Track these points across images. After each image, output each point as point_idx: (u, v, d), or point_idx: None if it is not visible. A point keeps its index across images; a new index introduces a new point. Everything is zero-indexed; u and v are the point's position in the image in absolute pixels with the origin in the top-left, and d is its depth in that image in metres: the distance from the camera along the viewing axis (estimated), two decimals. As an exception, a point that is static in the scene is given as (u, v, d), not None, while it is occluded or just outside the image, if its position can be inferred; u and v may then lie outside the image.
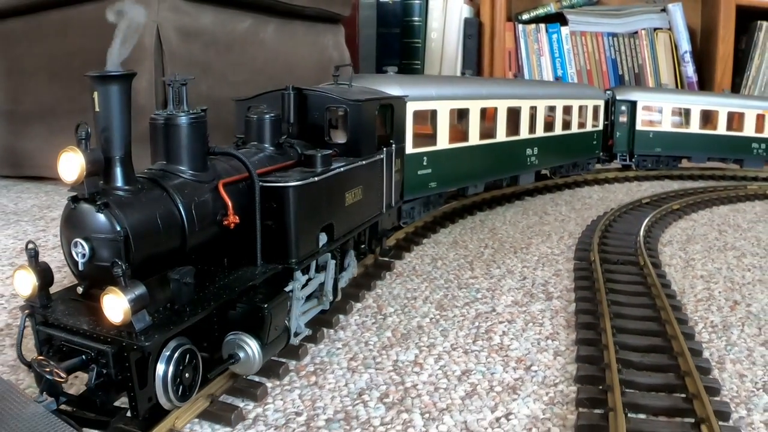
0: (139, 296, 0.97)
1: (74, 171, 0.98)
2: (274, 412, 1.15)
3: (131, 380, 0.97)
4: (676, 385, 1.26)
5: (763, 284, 1.98)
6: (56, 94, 3.15)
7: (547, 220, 2.72)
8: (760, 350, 1.50)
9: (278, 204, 1.27)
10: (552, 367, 1.37)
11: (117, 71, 1.05)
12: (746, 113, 3.99)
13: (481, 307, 1.70)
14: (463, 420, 1.15)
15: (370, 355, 1.39)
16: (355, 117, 1.60)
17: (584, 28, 4.73)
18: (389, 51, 4.77)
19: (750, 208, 3.16)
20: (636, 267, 2.01)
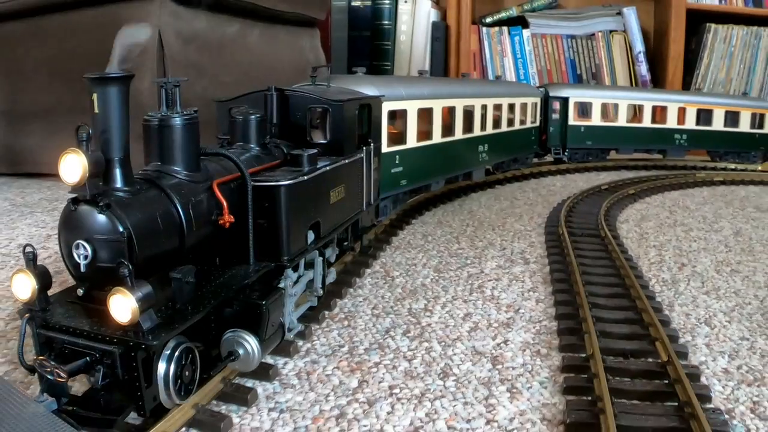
0: (146, 295, 0.98)
1: (76, 172, 1.00)
2: (321, 346, 1.47)
3: (138, 380, 0.99)
4: (636, 319, 1.62)
5: (706, 252, 2.35)
6: (56, 94, 3.36)
7: (518, 204, 3.08)
8: (703, 297, 1.86)
9: (270, 203, 1.30)
10: (535, 310, 1.72)
11: (116, 73, 1.08)
12: (669, 107, 4.35)
13: (472, 269, 2.04)
14: (471, 345, 1.49)
15: (388, 305, 1.72)
16: (338, 117, 1.64)
17: (544, 31, 5.10)
18: (360, 53, 5.07)
19: (698, 192, 3.56)
20: (598, 239, 2.37)
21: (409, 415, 1.18)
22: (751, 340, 1.58)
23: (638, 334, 1.53)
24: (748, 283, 2.01)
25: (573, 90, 4.24)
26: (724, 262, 2.22)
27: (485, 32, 5.15)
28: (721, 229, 2.71)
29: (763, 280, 2.04)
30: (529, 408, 1.22)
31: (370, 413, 1.18)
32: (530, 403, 1.24)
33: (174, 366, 1.02)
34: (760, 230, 2.70)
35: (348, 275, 1.87)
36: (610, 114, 4.27)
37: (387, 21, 5.06)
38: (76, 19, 3.28)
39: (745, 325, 1.66)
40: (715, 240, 2.52)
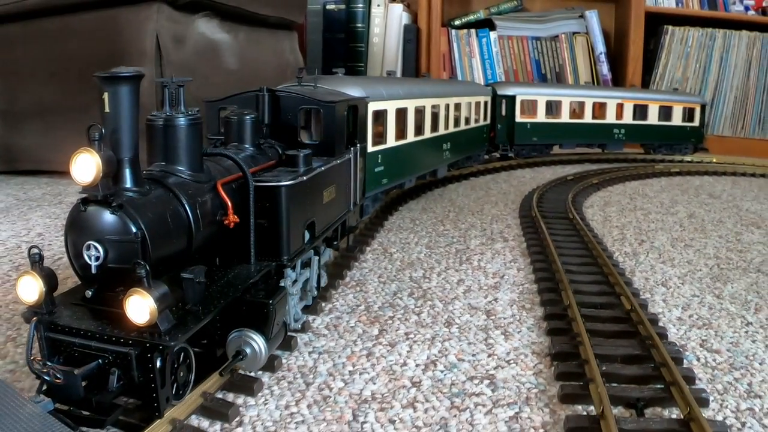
0: (163, 296, 0.99)
1: (90, 172, 1.00)
2: (341, 306, 1.74)
3: (154, 381, 0.99)
4: (603, 281, 1.92)
5: (663, 231, 2.67)
6: (54, 94, 3.54)
7: (492, 193, 3.38)
8: (660, 266, 2.18)
9: (271, 203, 1.33)
10: (518, 276, 2.02)
11: (127, 72, 1.07)
12: (608, 103, 4.62)
13: (458, 246, 2.33)
14: (467, 303, 1.77)
15: (392, 274, 2.00)
16: (329, 117, 1.67)
17: (511, 33, 5.42)
18: (335, 54, 5.32)
19: (656, 182, 3.91)
20: (567, 220, 2.68)
21: (425, 352, 1.46)
22: (701, 296, 1.89)
23: (606, 291, 1.83)
24: (699, 254, 2.33)
25: (519, 88, 4.38)
26: (678, 239, 2.55)
27: (454, 34, 5.45)
28: (677, 212, 3.04)
29: (712, 252, 2.36)
30: (520, 345, 1.51)
31: (393, 352, 1.46)
32: (521, 342, 1.53)
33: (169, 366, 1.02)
34: (711, 213, 3.04)
35: (350, 251, 2.14)
36: (554, 111, 4.45)
37: (360, 24, 5.32)
38: (75, 22, 3.46)
39: (696, 286, 1.98)
40: (671, 221, 2.85)
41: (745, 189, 3.81)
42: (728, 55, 5.42)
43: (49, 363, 1.00)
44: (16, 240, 2.32)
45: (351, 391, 1.27)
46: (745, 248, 2.44)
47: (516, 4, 5.50)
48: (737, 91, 5.44)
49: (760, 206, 3.28)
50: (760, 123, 5.47)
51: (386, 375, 1.34)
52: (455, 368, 1.38)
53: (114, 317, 1.04)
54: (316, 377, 1.32)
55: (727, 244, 2.49)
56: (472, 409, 1.22)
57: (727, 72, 5.45)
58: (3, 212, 2.76)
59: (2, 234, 2.40)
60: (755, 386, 1.35)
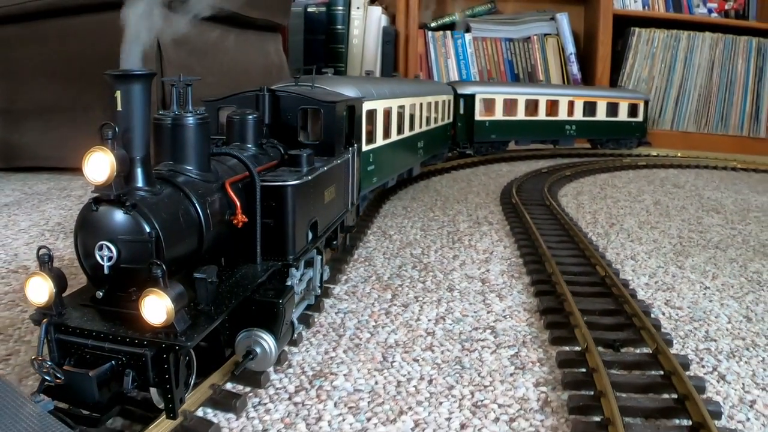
0: (180, 296, 0.99)
1: (104, 172, 0.99)
2: (355, 277, 2.01)
3: (170, 382, 1.00)
4: (580, 254, 2.21)
5: (631, 216, 2.98)
6: (55, 93, 3.71)
7: (473, 184, 3.67)
8: (629, 244, 2.48)
9: (277, 202, 1.34)
10: (505, 252, 2.30)
11: (140, 70, 1.07)
12: (560, 100, 4.85)
13: (449, 229, 2.61)
14: (464, 273, 2.05)
15: (394, 252, 2.27)
16: (329, 117, 1.68)
17: (485, 35, 5.73)
18: (315, 55, 5.56)
19: (625, 174, 4.23)
20: (544, 207, 2.98)
21: (434, 310, 1.74)
22: (665, 267, 2.19)
23: (583, 263, 2.12)
24: (663, 234, 2.64)
25: (478, 87, 4.53)
26: (645, 222, 2.86)
27: (431, 36, 5.74)
28: (644, 200, 3.36)
29: (676, 233, 2.67)
30: (513, 304, 1.80)
31: (407, 311, 1.73)
32: (514, 302, 1.82)
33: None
34: (675, 201, 3.37)
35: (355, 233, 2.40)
36: (510, 109, 4.62)
37: (340, 26, 5.57)
38: (76, 24, 3.63)
39: (661, 260, 2.28)
40: (639, 208, 3.16)
41: (707, 180, 4.15)
42: (692, 55, 5.78)
43: (49, 363, 0.99)
44: (38, 229, 2.53)
45: (377, 340, 1.54)
46: (705, 230, 2.75)
47: (489, 7, 5.81)
48: (701, 89, 5.81)
49: (720, 195, 3.61)
50: (723, 119, 5.85)
51: (404, 328, 1.61)
52: (461, 322, 1.66)
53: (126, 318, 1.04)
54: (346, 331, 1.59)
55: (689, 226, 2.81)
56: (480, 350, 1.50)
57: (691, 71, 5.81)
58: (15, 205, 2.95)
59: (22, 224, 2.60)
60: (711, 333, 1.65)
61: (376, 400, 1.26)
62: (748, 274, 2.15)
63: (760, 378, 1.41)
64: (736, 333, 1.66)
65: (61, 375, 0.99)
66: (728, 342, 1.60)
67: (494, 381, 1.35)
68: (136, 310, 1.00)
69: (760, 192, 3.79)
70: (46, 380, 1.00)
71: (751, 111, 5.84)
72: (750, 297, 1.93)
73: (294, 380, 1.32)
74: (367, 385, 1.31)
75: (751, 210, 3.22)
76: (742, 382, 1.39)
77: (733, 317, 1.76)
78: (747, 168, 4.69)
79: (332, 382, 1.32)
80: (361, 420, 1.18)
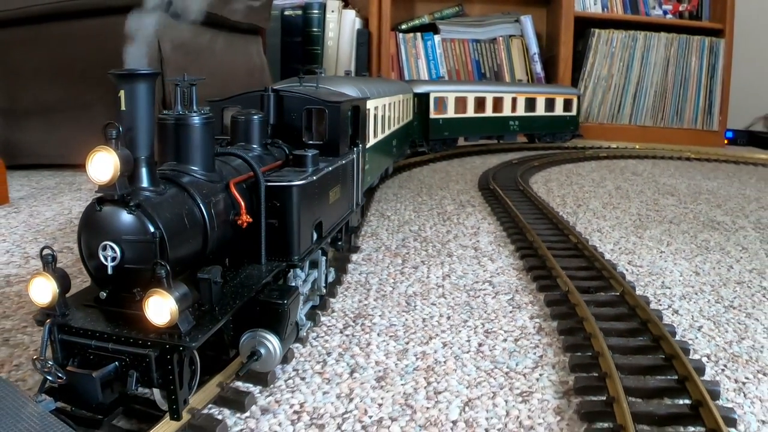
0: (184, 296, 1.00)
1: (107, 171, 1.00)
2: (367, 248, 2.37)
3: (173, 383, 1.01)
4: (555, 228, 2.62)
5: (595, 198, 3.41)
6: (55, 94, 3.93)
7: (452, 174, 4.07)
8: (595, 220, 2.90)
9: (281, 203, 1.35)
10: (490, 227, 2.70)
11: (144, 69, 1.08)
12: (504, 97, 5.13)
13: (438, 210, 3.00)
14: (458, 243, 2.44)
15: (395, 229, 2.65)
16: (334, 118, 1.70)
17: (453, 36, 6.14)
18: (292, 57, 5.92)
19: (587, 165, 4.67)
20: (519, 192, 3.38)
21: (439, 270, 2.12)
22: (627, 237, 2.61)
23: (558, 234, 2.53)
24: (624, 213, 3.06)
25: (432, 86, 4.69)
26: (608, 203, 3.28)
27: (402, 38, 6.13)
28: (606, 186, 3.79)
29: (635, 211, 3.10)
30: (504, 265, 2.19)
31: (417, 271, 2.11)
32: (503, 263, 2.21)
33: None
34: (635, 186, 3.80)
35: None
36: (461, 106, 4.81)
37: (316, 28, 5.92)
38: (77, 28, 3.86)
39: (623, 232, 2.70)
40: (602, 192, 3.59)
41: (663, 168, 4.61)
42: (649, 54, 6.27)
43: (50, 363, 1.00)
44: (63, 218, 2.83)
45: (399, 292, 1.92)
46: (661, 209, 3.19)
47: (457, 10, 6.22)
48: (657, 86, 6.30)
49: (675, 181, 4.06)
50: (678, 114, 6.35)
51: (419, 283, 2.00)
52: (464, 277, 2.05)
53: (130, 318, 1.05)
54: (372, 286, 1.96)
55: (647, 206, 3.24)
56: (483, 296, 1.89)
57: (648, 69, 6.31)
58: (31, 198, 3.20)
59: (47, 213, 2.89)
60: (666, 283, 2.06)
61: (409, 330, 1.64)
62: (697, 242, 2.57)
63: (705, 312, 1.82)
64: (687, 283, 2.07)
65: (63, 375, 1.00)
66: (680, 289, 2.01)
67: (498, 316, 1.74)
68: (140, 311, 1.01)
69: (711, 178, 4.26)
70: (48, 380, 1.02)
71: (704, 106, 6.35)
72: (698, 258, 2.35)
73: (340, 320, 1.69)
74: (399, 321, 1.69)
75: (702, 193, 3.67)
76: (691, 314, 1.80)
77: (684, 272, 2.18)
78: (700, 158, 5.17)
79: (371, 320, 1.70)
80: (401, 343, 1.56)
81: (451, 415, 1.25)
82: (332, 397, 1.29)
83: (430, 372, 1.42)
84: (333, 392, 1.31)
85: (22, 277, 1.97)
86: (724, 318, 1.79)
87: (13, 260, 2.14)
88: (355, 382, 1.36)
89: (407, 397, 1.31)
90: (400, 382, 1.36)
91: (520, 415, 1.26)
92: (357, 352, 1.50)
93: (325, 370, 1.40)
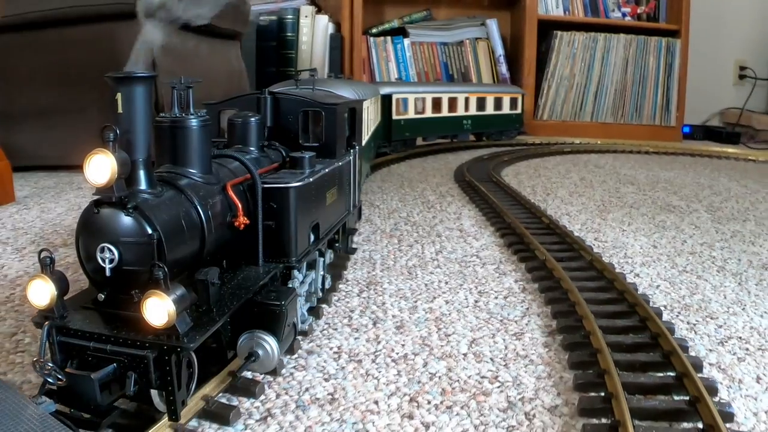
0: (181, 297, 1.01)
1: (105, 174, 1.01)
2: (365, 231, 2.69)
3: (171, 384, 1.02)
4: (529, 213, 2.96)
5: (562, 188, 3.76)
6: (52, 97, 4.09)
7: (428, 169, 4.40)
8: (564, 206, 3.25)
9: (279, 204, 1.38)
10: (470, 213, 3.03)
11: (141, 72, 1.10)
12: (458, 97, 5.32)
13: (422, 200, 3.33)
14: (444, 226, 2.77)
15: (386, 215, 2.96)
16: (331, 120, 1.71)
17: (422, 39, 6.46)
18: (267, 60, 6.18)
19: (553, 159, 5.04)
20: (493, 183, 3.72)
21: (432, 248, 2.44)
22: (592, 219, 2.96)
23: (532, 216, 2.87)
24: (589, 199, 3.42)
25: (393, 87, 4.74)
26: (574, 192, 3.64)
27: (372, 41, 6.43)
28: (571, 177, 4.16)
29: (599, 198, 3.46)
30: (487, 242, 2.52)
31: (413, 249, 2.43)
32: (487, 241, 2.54)
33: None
34: (597, 177, 4.17)
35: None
36: (420, 107, 4.90)
37: (290, 33, 6.17)
38: (73, 34, 4.04)
39: (588, 215, 3.05)
40: (568, 182, 3.95)
41: (623, 161, 5.00)
42: (609, 55, 6.62)
43: (50, 364, 1.01)
44: (75, 212, 3.06)
45: (400, 264, 2.23)
46: (622, 196, 3.55)
47: (425, 15, 6.56)
48: (617, 84, 6.68)
49: (634, 172, 4.44)
50: (637, 111, 6.75)
51: (416, 257, 2.32)
52: (454, 253, 2.38)
53: (128, 320, 1.06)
54: (376, 261, 2.27)
55: (609, 194, 3.60)
56: (473, 266, 2.22)
57: (608, 69, 6.65)
58: (36, 196, 3.42)
59: (58, 209, 3.12)
60: (628, 254, 2.41)
61: (415, 293, 1.96)
62: (655, 222, 2.93)
63: (662, 275, 2.17)
64: (646, 254, 2.42)
65: (63, 376, 1.01)
66: (640, 258, 2.36)
67: (488, 281, 2.07)
68: (138, 312, 1.03)
69: (668, 169, 4.65)
70: (48, 382, 1.02)
71: (662, 103, 6.74)
72: (656, 235, 2.71)
73: (355, 287, 2.00)
74: (405, 286, 2.01)
75: (660, 182, 4.05)
76: (650, 277, 2.15)
77: (644, 246, 2.53)
78: (658, 152, 5.57)
79: (381, 286, 2.01)
80: (410, 302, 1.88)
81: (462, 349, 1.57)
82: (363, 341, 1.60)
83: (438, 321, 1.74)
84: (362, 338, 1.62)
85: (57, 263, 2.24)
86: (678, 279, 2.14)
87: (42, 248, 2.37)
88: (378, 330, 1.68)
89: (423, 339, 1.63)
90: (416, 329, 1.68)
91: (516, 348, 1.59)
92: (375, 309, 1.82)
93: (352, 323, 1.71)
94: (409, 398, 1.34)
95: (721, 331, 1.72)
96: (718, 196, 3.63)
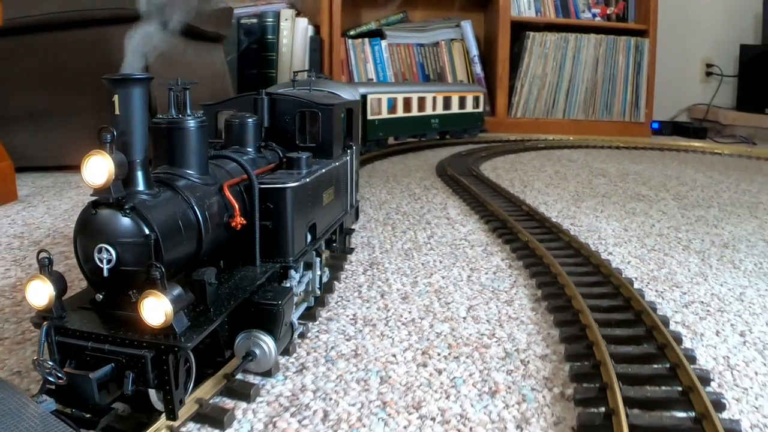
0: (178, 297, 1.03)
1: (102, 175, 1.03)
2: (362, 220, 2.92)
3: (169, 383, 1.04)
4: (510, 202, 3.21)
5: (538, 180, 4.03)
6: (46, 100, 4.20)
7: (410, 165, 4.64)
8: (540, 196, 3.51)
9: (275, 204, 1.39)
10: (455, 203, 3.28)
11: (138, 74, 1.12)
12: (427, 97, 5.46)
13: (408, 193, 3.57)
14: (433, 215, 3.01)
15: (377, 207, 3.20)
16: (327, 120, 1.73)
17: (398, 41, 6.68)
18: (248, 63, 6.37)
19: (528, 155, 5.32)
20: (473, 176, 3.98)
21: (424, 233, 2.68)
22: (568, 207, 3.23)
23: (512, 205, 3.12)
24: (564, 190, 3.69)
25: (368, 88, 4.80)
26: (550, 183, 3.91)
27: (351, 43, 6.64)
28: (546, 170, 4.43)
29: (573, 189, 3.72)
30: (473, 228, 2.77)
31: (406, 234, 2.67)
32: (473, 227, 2.79)
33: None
34: (571, 170, 4.45)
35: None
36: (392, 107, 4.94)
37: (271, 35, 6.34)
38: (66, 37, 4.15)
39: (564, 204, 3.31)
40: (543, 175, 4.22)
41: (595, 156, 5.29)
42: (580, 54, 6.88)
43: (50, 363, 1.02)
44: (79, 209, 3.29)
45: (397, 248, 2.47)
46: (595, 187, 3.82)
47: (401, 17, 6.81)
48: (588, 83, 6.95)
49: (606, 165, 4.73)
50: (608, 108, 7.04)
51: (410, 242, 2.56)
52: (444, 237, 2.62)
53: (126, 320, 1.08)
54: (375, 245, 2.50)
55: (582, 185, 3.87)
56: (463, 248, 2.46)
57: (579, 68, 6.91)
58: (38, 195, 3.56)
59: (63, 206, 3.26)
60: (602, 236, 2.67)
61: (414, 270, 2.20)
62: (626, 209, 3.20)
63: (633, 253, 2.44)
64: (618, 236, 2.69)
65: (63, 375, 1.02)
66: (613, 240, 2.63)
67: (477, 260, 2.32)
68: (135, 312, 1.04)
69: (638, 162, 4.94)
70: (48, 381, 1.03)
71: (631, 100, 7.01)
72: (627, 220, 2.98)
73: (359, 266, 2.24)
74: (404, 266, 2.25)
75: (630, 174, 4.34)
76: (622, 255, 2.42)
77: (616, 230, 2.80)
78: (628, 146, 5.87)
79: (383, 265, 2.25)
80: (411, 278, 2.12)
81: (461, 314, 1.82)
82: (374, 310, 1.84)
83: (438, 293, 1.98)
84: (373, 307, 1.86)
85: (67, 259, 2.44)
86: (648, 257, 2.40)
87: (57, 240, 2.55)
88: (386, 300, 1.92)
89: (427, 306, 1.87)
90: (419, 299, 1.93)
91: (508, 312, 1.84)
92: (380, 284, 2.05)
93: (362, 295, 1.95)
94: (422, 352, 1.58)
95: (685, 297, 1.98)
96: (684, 186, 3.92)
